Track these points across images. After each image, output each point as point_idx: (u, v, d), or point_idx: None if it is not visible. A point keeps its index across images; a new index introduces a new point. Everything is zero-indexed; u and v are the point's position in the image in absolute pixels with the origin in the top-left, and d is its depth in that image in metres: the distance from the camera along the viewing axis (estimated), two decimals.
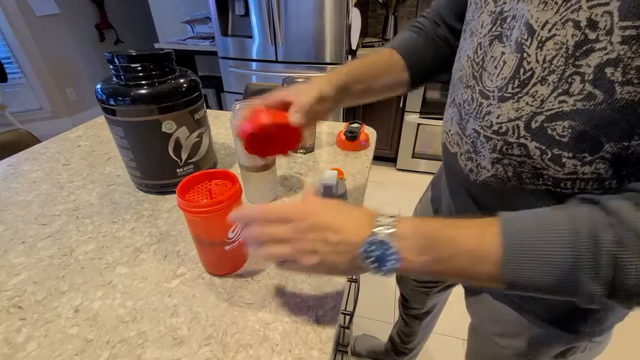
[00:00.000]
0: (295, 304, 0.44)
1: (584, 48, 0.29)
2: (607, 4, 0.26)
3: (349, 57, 1.91)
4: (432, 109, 2.07)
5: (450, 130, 0.47)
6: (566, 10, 0.29)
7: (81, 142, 0.85)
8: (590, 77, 0.29)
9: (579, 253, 0.27)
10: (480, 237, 0.30)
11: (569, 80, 0.30)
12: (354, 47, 1.95)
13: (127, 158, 0.62)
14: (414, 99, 2.06)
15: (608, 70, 0.28)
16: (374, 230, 0.32)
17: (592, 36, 0.28)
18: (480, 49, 0.42)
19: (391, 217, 0.33)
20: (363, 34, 2.30)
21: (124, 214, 0.60)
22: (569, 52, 0.30)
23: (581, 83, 0.30)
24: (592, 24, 0.28)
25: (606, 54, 0.28)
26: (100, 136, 0.87)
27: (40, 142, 0.87)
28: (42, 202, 0.63)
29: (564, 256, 0.28)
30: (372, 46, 2.10)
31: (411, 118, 2.12)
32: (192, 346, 0.39)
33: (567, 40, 0.29)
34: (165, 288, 0.46)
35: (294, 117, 0.42)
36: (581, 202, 0.31)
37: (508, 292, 0.33)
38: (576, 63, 0.30)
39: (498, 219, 0.31)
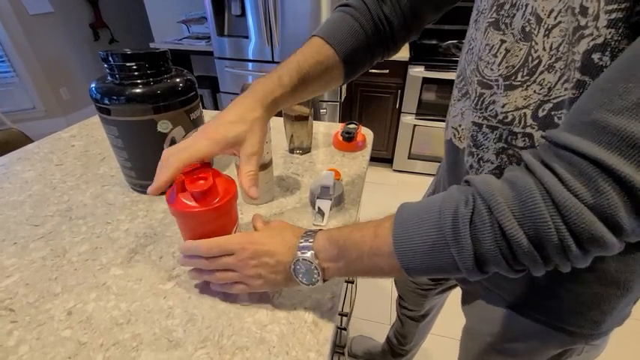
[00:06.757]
0: (292, 305, 0.43)
1: (577, 35, 0.28)
2: None
3: None
4: (427, 110, 2.07)
5: (460, 125, 0.46)
6: None
7: (74, 142, 0.83)
8: (579, 64, 0.29)
9: (443, 231, 0.30)
10: (374, 234, 0.34)
11: (571, 67, 0.30)
12: None
13: (121, 158, 0.61)
14: (410, 100, 2.06)
15: (595, 56, 0.27)
16: (297, 253, 0.38)
17: (583, 22, 0.28)
18: (474, 40, 0.41)
19: (311, 236, 0.39)
20: None
21: (118, 214, 0.59)
22: (570, 39, 0.29)
23: (572, 71, 0.30)
24: (583, 10, 0.27)
25: (592, 40, 0.27)
26: (94, 136, 0.86)
27: (32, 141, 0.86)
28: (34, 202, 0.61)
29: (435, 235, 0.30)
30: None
31: (407, 120, 2.12)
32: (188, 348, 0.38)
33: (568, 27, 0.29)
34: (160, 290, 0.45)
35: (252, 192, 0.40)
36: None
37: (412, 278, 0.36)
38: (572, 50, 0.29)
39: (398, 209, 0.35)
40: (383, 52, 0.52)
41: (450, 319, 1.01)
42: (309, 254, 0.37)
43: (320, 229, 0.41)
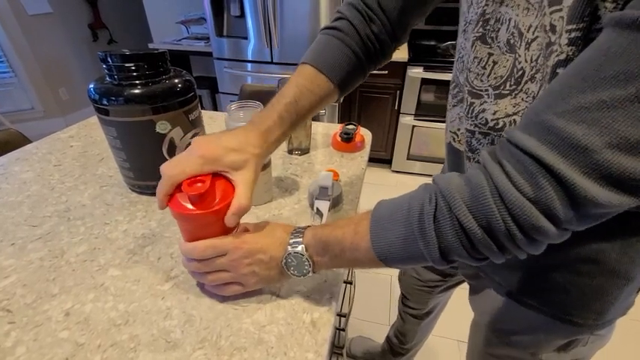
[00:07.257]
0: (290, 306, 0.43)
1: (549, 50, 0.31)
2: (560, 10, 0.28)
3: None
4: (426, 111, 2.08)
5: (459, 129, 0.48)
6: (541, 15, 0.31)
7: (73, 143, 0.83)
8: (548, 77, 0.31)
9: (412, 227, 0.33)
10: (354, 231, 0.37)
11: (545, 79, 0.32)
12: None
13: (120, 159, 0.61)
14: (409, 101, 2.06)
15: (560, 71, 0.30)
16: (288, 247, 0.40)
17: (553, 39, 0.30)
18: (463, 49, 0.43)
19: (300, 231, 0.41)
20: None
21: (116, 215, 0.59)
22: (545, 53, 0.32)
23: (546, 83, 0.32)
24: (552, 28, 0.30)
25: (557, 55, 0.30)
26: (93, 137, 0.86)
27: (31, 142, 0.86)
28: (32, 203, 0.61)
29: (405, 231, 0.34)
30: None
31: (406, 120, 2.13)
32: (186, 349, 0.38)
33: (543, 42, 0.31)
34: (158, 290, 0.45)
35: (231, 220, 0.39)
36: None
37: (389, 267, 0.38)
38: (546, 63, 0.31)
39: (375, 207, 0.38)
40: (375, 66, 0.54)
41: (447, 319, 1.02)
42: (299, 248, 0.40)
43: (308, 227, 0.42)
